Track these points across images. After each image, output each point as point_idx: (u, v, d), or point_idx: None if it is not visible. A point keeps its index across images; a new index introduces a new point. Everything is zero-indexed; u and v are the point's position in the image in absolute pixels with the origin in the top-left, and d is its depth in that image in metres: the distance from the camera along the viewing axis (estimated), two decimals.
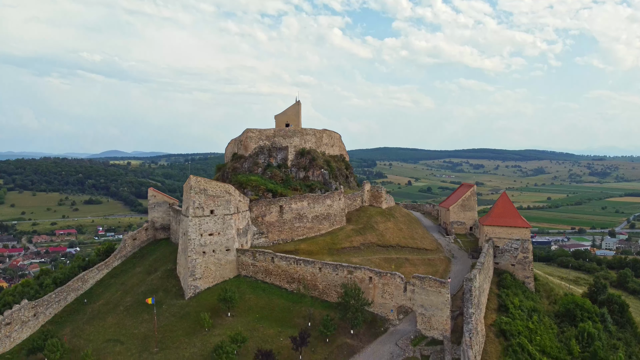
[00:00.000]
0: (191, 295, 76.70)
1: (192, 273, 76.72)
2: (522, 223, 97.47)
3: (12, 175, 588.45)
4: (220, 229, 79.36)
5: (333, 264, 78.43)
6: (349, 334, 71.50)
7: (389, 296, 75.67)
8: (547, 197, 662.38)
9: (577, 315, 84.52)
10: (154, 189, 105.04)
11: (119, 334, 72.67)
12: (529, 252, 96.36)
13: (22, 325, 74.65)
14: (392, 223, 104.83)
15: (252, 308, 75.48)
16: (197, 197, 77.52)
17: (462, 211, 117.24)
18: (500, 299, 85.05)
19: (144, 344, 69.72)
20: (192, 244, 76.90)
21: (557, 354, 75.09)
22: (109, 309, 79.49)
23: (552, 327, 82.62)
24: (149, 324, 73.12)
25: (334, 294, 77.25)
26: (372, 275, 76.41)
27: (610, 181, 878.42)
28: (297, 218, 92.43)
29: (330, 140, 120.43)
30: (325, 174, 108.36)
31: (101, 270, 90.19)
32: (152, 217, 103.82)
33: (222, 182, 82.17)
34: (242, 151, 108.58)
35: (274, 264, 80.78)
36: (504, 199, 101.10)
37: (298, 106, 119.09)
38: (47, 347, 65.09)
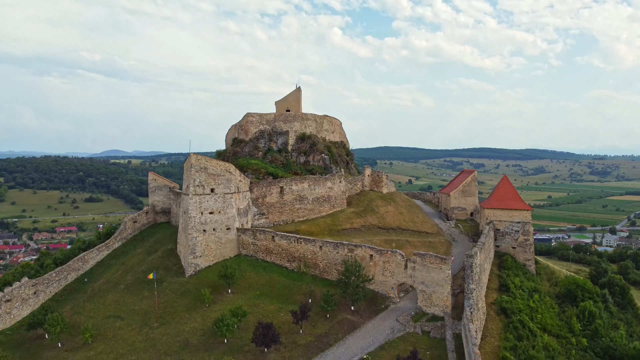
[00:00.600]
0: (191, 273, 76.60)
1: (192, 251, 76.64)
2: (523, 206, 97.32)
3: (12, 174, 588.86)
4: (221, 207, 79.28)
5: (333, 242, 78.33)
6: (350, 310, 71.38)
7: (389, 274, 75.53)
8: (548, 195, 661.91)
9: (578, 295, 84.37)
10: (154, 173, 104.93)
11: (120, 311, 72.64)
12: (529, 235, 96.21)
13: (23, 303, 74.63)
14: (392, 207, 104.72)
15: (252, 285, 75.41)
16: (197, 175, 77.46)
17: (463, 197, 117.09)
18: (501, 279, 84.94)
19: (145, 320, 69.67)
20: (193, 222, 76.83)
21: (558, 331, 75.02)
22: (110, 287, 79.46)
23: (553, 306, 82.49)
24: (149, 301, 73.08)
25: (334, 272, 77.12)
26: (373, 253, 76.28)
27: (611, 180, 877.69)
28: (298, 199, 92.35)
29: (331, 126, 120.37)
30: (326, 159, 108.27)
31: (101, 251, 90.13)
32: (152, 201, 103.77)
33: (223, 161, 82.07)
34: (242, 136, 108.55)
35: (274, 243, 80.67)
36: (505, 182, 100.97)
37: (298, 92, 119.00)
38: (48, 321, 64.98)
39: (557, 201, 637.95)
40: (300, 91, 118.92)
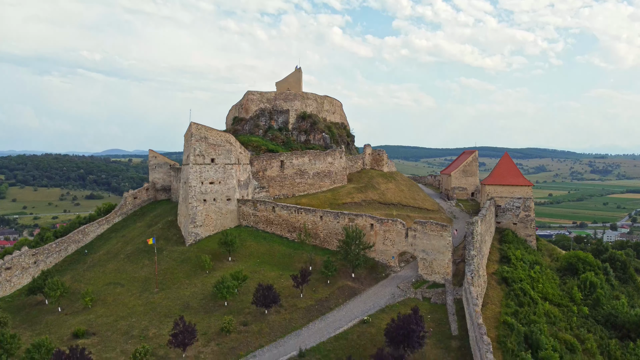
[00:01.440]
0: (192, 242, 76.45)
1: (192, 220, 76.49)
2: (524, 182, 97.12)
3: (13, 171, 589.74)
4: (221, 177, 79.15)
5: (334, 212, 78.16)
6: (350, 278, 71.19)
7: (390, 243, 75.32)
8: (549, 193, 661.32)
9: (579, 268, 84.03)
10: (154, 151, 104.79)
11: (120, 278, 72.54)
12: (530, 211, 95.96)
13: (23, 272, 74.51)
14: (393, 184, 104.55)
15: (252, 254, 75.27)
16: (197, 144, 77.33)
17: (464, 177, 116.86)
18: (502, 251, 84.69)
19: (145, 286, 69.58)
20: (193, 192, 76.70)
21: (559, 300, 74.74)
22: (110, 258, 79.36)
23: (554, 278, 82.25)
24: (149, 269, 72.97)
25: (334, 242, 76.90)
26: (374, 222, 76.09)
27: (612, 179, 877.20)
28: (298, 174, 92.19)
29: (332, 107, 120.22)
30: (327, 138, 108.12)
31: (102, 225, 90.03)
32: (152, 178, 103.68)
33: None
34: (243, 114, 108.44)
35: (275, 214, 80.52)
36: (506, 159, 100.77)
37: (299, 73, 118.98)
38: (48, 285, 64.85)
39: (557, 199, 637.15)
40: (301, 72, 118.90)
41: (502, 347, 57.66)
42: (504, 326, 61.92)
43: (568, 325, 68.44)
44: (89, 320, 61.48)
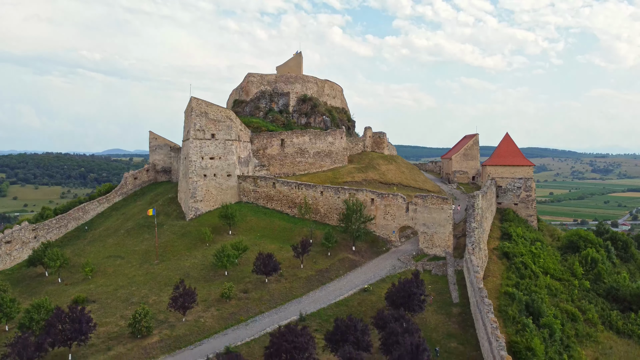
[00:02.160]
0: (192, 216, 76.31)
1: (193, 195, 76.36)
2: (525, 162, 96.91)
3: (14, 170, 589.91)
4: (222, 153, 79.02)
5: (334, 187, 78.02)
6: (351, 251, 71.02)
7: (390, 217, 75.10)
8: (550, 192, 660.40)
9: (580, 245, 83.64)
10: (154, 132, 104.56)
11: (120, 251, 72.44)
12: (531, 191, 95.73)
13: (23, 246, 74.39)
14: (394, 166, 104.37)
15: (253, 228, 75.10)
16: (198, 119, 77.21)
17: (465, 160, 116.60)
18: (504, 229, 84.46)
19: (145, 258, 69.46)
20: (193, 166, 76.57)
21: (560, 275, 74.46)
22: (110, 233, 79.26)
23: (555, 254, 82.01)
24: (149, 242, 72.83)
25: (335, 218, 76.69)
26: (374, 197, 75.87)
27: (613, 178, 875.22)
28: (299, 153, 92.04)
29: (332, 91, 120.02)
30: (327, 121, 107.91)
31: (102, 203, 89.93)
32: (153, 160, 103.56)
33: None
34: (243, 96, 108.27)
35: (275, 189, 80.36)
36: (507, 140, 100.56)
37: (299, 58, 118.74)
38: (48, 255, 64.71)
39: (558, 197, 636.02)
40: (301, 56, 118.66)
41: (503, 315, 57.45)
42: (504, 296, 61.69)
43: (569, 297, 68.21)
44: (89, 290, 61.34)
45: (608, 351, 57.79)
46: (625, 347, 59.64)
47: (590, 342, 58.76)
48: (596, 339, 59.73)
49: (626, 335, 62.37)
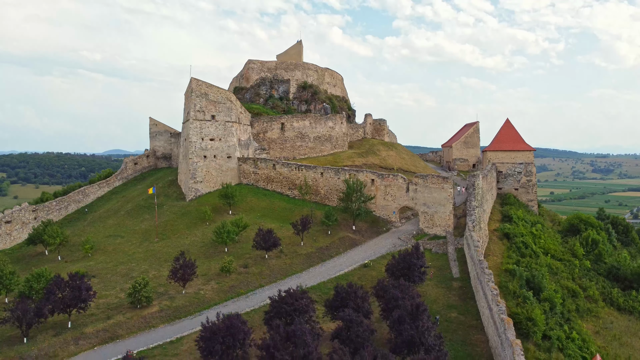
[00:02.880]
0: (192, 197, 76.28)
1: (193, 176, 76.31)
2: (525, 147, 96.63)
3: (15, 169, 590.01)
4: (222, 135, 78.96)
5: (335, 168, 78.00)
6: (351, 230, 70.96)
7: (391, 198, 75.03)
8: (550, 191, 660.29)
9: (581, 228, 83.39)
10: (154, 118, 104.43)
11: (120, 231, 72.39)
12: (532, 176, 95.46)
13: (23, 226, 74.33)
14: (394, 152, 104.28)
15: (253, 208, 75.03)
16: (198, 100, 77.16)
17: (465, 148, 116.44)
18: (504, 212, 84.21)
19: (145, 237, 69.42)
20: (193, 147, 76.53)
21: (561, 255, 74.21)
22: (110, 214, 79.20)
23: (556, 236, 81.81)
24: (149, 222, 72.80)
25: (335, 199, 76.60)
26: (375, 177, 75.83)
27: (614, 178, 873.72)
28: (299, 137, 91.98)
29: (333, 79, 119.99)
30: (327, 108, 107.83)
31: (102, 187, 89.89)
32: (153, 146, 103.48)
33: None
34: (243, 83, 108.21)
35: (275, 171, 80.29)
36: (507, 126, 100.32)
37: (300, 46, 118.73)
38: (47, 232, 64.62)
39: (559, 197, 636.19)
40: (302, 45, 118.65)
41: (504, 290, 57.11)
42: (505, 273, 61.48)
43: (570, 275, 67.97)
44: (89, 266, 61.23)
45: (609, 325, 57.54)
46: (626, 322, 59.40)
47: (591, 317, 58.56)
48: (597, 314, 59.51)
49: (627, 311, 62.11)
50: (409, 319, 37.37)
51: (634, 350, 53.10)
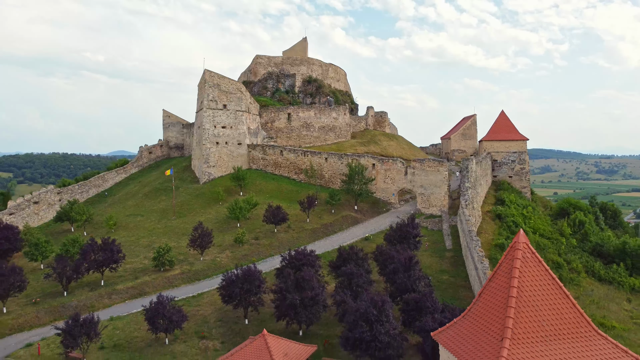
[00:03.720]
0: (205, 180, 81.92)
1: (206, 160, 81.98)
2: (519, 136, 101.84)
3: (21, 169, 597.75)
4: (233, 123, 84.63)
5: (338, 154, 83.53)
6: (353, 209, 76.41)
7: (390, 181, 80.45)
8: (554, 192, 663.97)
9: (570, 211, 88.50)
10: (167, 110, 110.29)
11: (139, 211, 78.11)
12: (525, 164, 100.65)
13: (49, 207, 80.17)
14: (394, 142, 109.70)
15: (262, 190, 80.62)
16: (210, 90, 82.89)
17: (463, 139, 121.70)
18: (498, 196, 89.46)
19: (163, 215, 75.12)
20: (206, 134, 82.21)
21: (549, 235, 79.38)
22: (129, 197, 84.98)
23: (546, 219, 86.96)
24: (166, 203, 78.50)
25: (338, 182, 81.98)
26: (375, 162, 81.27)
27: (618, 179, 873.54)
28: (305, 126, 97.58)
29: (336, 75, 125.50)
30: (331, 101, 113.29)
31: (120, 174, 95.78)
32: (166, 137, 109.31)
33: None
34: (251, 77, 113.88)
35: (282, 157, 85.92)
36: (502, 117, 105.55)
37: (305, 43, 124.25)
38: (75, 210, 70.44)
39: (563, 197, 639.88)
40: (307, 41, 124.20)
41: (493, 262, 62.43)
42: (495, 248, 66.72)
43: (556, 251, 73.14)
44: None
45: (589, 292, 62.69)
46: (605, 290, 64.55)
47: (572, 285, 63.70)
48: (579, 283, 64.69)
49: (607, 282, 67.26)
50: (402, 270, 42.82)
51: (610, 312, 58.30)
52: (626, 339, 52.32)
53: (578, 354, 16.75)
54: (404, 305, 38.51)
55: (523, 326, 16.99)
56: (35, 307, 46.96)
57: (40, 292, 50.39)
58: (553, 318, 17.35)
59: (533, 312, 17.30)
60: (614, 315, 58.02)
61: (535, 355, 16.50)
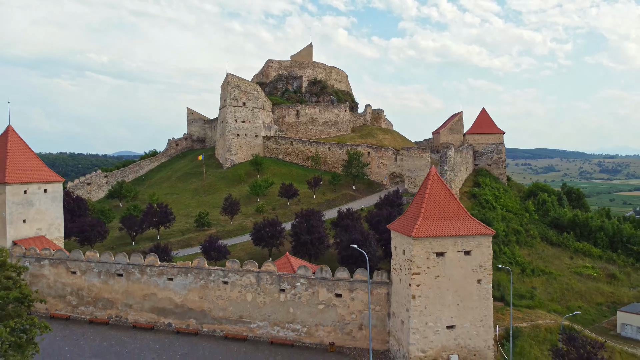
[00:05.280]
0: (228, 165, 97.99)
1: (229, 149, 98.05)
2: (497, 130, 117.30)
3: None
4: (250, 118, 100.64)
5: (339, 144, 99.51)
6: (352, 189, 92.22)
7: (383, 166, 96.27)
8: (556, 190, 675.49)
9: (538, 194, 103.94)
10: (190, 108, 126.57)
11: (174, 191, 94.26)
12: (502, 154, 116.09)
13: (98, 188, 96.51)
14: (389, 136, 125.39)
15: (276, 173, 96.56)
16: (232, 90, 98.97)
17: (451, 134, 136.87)
18: (476, 180, 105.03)
19: (195, 193, 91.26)
20: (229, 127, 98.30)
21: (516, 210, 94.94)
22: (163, 180, 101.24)
23: (516, 199, 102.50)
24: (196, 184, 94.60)
25: (339, 167, 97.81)
26: (370, 150, 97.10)
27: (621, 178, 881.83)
28: (311, 122, 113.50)
29: (339, 76, 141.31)
30: (334, 100, 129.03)
31: (152, 162, 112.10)
32: (189, 131, 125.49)
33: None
34: (263, 79, 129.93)
35: (292, 146, 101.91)
36: (483, 113, 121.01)
37: (310, 48, 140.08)
38: (124, 188, 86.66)
39: None
40: (312, 47, 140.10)
41: None
42: None
43: (519, 222, 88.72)
44: None
45: (540, 252, 78.36)
46: (554, 251, 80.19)
47: (527, 247, 79.35)
48: (532, 245, 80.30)
49: (557, 245, 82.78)
50: (384, 222, 58.57)
51: (553, 265, 73.95)
52: (558, 279, 68.17)
53: (457, 225, 32.66)
54: (383, 241, 54.28)
55: (429, 212, 32.89)
56: (113, 252, 63.03)
57: (114, 242, 66.53)
58: (445, 208, 33.27)
59: (435, 205, 33.22)
60: (554, 267, 73.72)
61: (433, 225, 32.40)
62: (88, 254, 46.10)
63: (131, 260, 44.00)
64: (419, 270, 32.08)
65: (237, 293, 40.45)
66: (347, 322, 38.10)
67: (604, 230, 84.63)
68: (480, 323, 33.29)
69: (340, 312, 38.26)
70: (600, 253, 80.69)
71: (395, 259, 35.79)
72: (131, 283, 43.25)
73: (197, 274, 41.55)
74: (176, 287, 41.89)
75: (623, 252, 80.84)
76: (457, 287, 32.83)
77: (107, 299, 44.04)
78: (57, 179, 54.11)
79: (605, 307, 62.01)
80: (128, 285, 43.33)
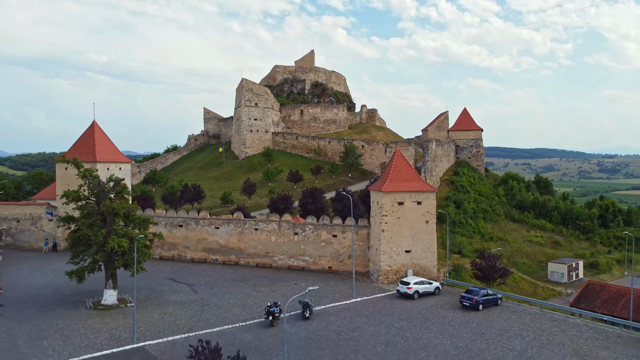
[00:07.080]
0: (243, 157, 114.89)
1: (243, 143, 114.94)
2: (476, 127, 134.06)
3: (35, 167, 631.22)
4: (262, 116, 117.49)
5: (337, 138, 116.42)
6: (348, 177, 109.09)
7: (375, 157, 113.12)
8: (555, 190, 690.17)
9: (510, 182, 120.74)
10: (206, 108, 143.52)
11: (197, 178, 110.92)
12: (480, 148, 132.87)
13: (132, 176, 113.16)
14: (382, 132, 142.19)
15: (284, 164, 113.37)
16: (246, 93, 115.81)
17: (438, 131, 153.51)
18: (456, 170, 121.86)
19: (216, 180, 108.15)
20: (244, 124, 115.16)
21: (487, 195, 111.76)
22: (187, 170, 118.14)
23: (489, 186, 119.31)
24: (216, 172, 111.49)
25: (337, 158, 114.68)
26: (364, 143, 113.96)
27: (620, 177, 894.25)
28: (313, 120, 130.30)
29: (338, 79, 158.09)
30: (333, 101, 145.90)
31: (175, 155, 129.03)
32: (206, 128, 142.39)
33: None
34: (270, 82, 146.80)
35: (297, 141, 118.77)
36: (465, 113, 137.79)
37: (312, 54, 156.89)
38: (157, 174, 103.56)
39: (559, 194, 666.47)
40: (314, 53, 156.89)
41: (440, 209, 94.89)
42: (445, 200, 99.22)
43: (488, 204, 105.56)
44: None
45: (503, 227, 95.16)
46: (515, 226, 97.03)
47: (492, 222, 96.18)
48: (497, 221, 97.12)
49: (518, 222, 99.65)
50: None
51: (511, 235, 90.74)
52: (512, 244, 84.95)
53: (412, 184, 49.66)
54: (367, 207, 70.96)
55: (394, 176, 49.82)
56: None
57: None
58: (405, 174, 50.21)
59: (398, 172, 50.16)
60: (511, 237, 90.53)
61: (396, 185, 49.37)
62: (158, 211, 63.15)
63: (189, 215, 61.04)
64: (387, 213, 48.68)
65: (264, 236, 57.35)
66: (341, 253, 54.97)
67: (557, 209, 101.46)
68: (428, 250, 49.91)
69: (336, 247, 55.12)
70: (553, 227, 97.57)
71: (372, 208, 52.44)
72: (189, 231, 60.14)
73: (236, 223, 58.47)
74: (221, 233, 58.77)
75: (572, 227, 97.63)
76: (412, 225, 49.45)
77: (171, 243, 60.92)
78: (127, 160, 71.62)
79: (544, 264, 78.86)
80: (187, 233, 60.21)
